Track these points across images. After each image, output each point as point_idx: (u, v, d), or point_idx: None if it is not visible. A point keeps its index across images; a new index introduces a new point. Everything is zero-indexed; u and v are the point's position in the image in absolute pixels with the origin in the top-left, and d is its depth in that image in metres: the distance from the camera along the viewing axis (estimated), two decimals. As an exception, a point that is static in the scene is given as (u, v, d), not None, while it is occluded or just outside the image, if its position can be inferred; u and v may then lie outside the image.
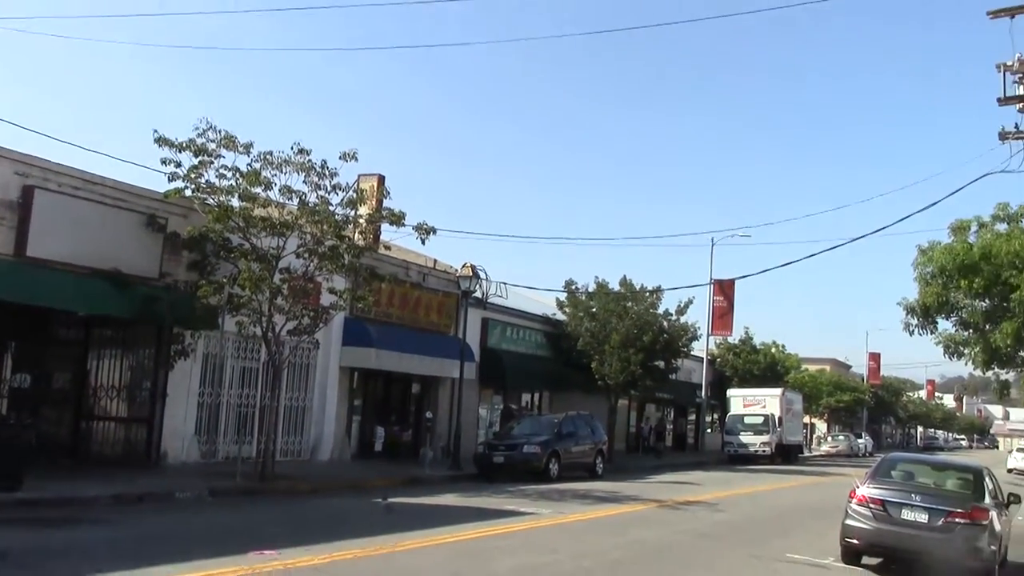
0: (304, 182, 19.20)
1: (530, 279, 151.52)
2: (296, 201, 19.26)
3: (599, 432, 29.43)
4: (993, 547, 12.51)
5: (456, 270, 29.26)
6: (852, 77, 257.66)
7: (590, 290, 35.91)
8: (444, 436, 28.56)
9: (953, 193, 37.85)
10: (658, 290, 36.28)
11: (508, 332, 34.30)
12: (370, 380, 28.27)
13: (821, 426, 76.44)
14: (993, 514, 12.77)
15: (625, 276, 35.84)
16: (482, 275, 29.53)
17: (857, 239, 34.36)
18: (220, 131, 18.41)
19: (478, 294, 29.87)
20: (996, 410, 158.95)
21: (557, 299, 36.76)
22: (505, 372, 32.90)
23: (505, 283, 32.48)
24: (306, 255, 19.43)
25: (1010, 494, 14.94)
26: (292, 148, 18.96)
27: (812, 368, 72.38)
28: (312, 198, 19.29)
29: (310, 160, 19.09)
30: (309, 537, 12.21)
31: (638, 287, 35.91)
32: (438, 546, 12.34)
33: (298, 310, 19.52)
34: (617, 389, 35.57)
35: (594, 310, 35.34)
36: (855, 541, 13.12)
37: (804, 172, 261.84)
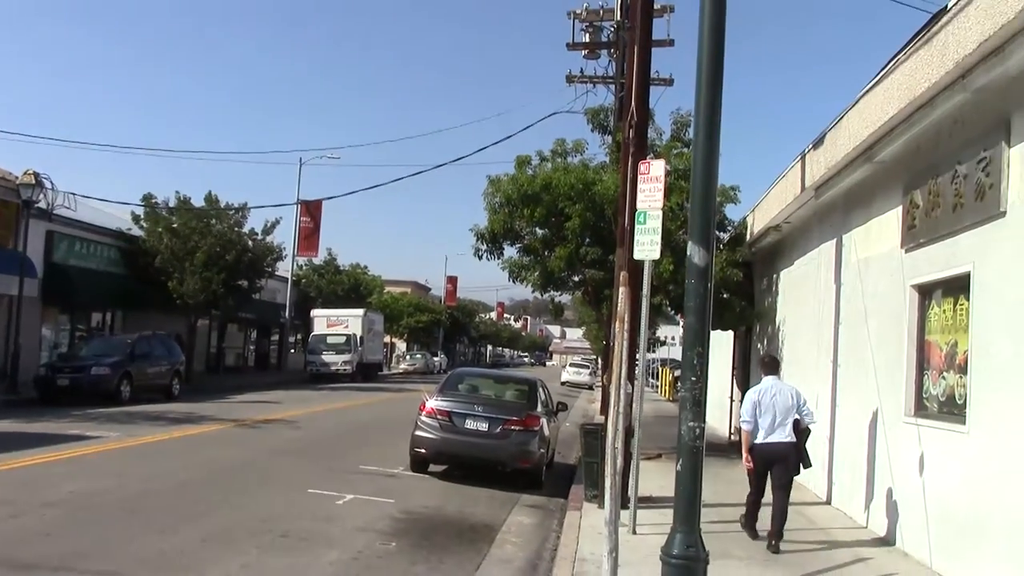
0: None
1: (105, 191, 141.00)
2: None
3: (176, 353, 28.67)
4: (542, 450, 14.26)
5: (17, 177, 26.49)
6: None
7: (171, 205, 34.37)
8: (0, 358, 26.08)
9: (524, 129, 40.47)
10: (244, 208, 35.61)
11: (77, 247, 31.77)
12: (-94, 296, 24.94)
13: (401, 345, 79.83)
14: (544, 421, 14.52)
15: (211, 192, 34.84)
16: (47, 184, 27.06)
17: (439, 166, 36.30)
18: None
19: (42, 204, 27.34)
20: (555, 330, 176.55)
21: (132, 213, 34.63)
22: (73, 290, 30.54)
23: (75, 194, 29.91)
24: None
25: (559, 403, 17.00)
26: None
27: (394, 290, 75.28)
28: None
29: None
30: None
31: (223, 204, 35.00)
32: (-13, 476, 11.42)
33: None
34: (197, 309, 34.59)
35: (175, 226, 33.89)
36: (423, 451, 14.16)
37: (399, 99, 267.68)
